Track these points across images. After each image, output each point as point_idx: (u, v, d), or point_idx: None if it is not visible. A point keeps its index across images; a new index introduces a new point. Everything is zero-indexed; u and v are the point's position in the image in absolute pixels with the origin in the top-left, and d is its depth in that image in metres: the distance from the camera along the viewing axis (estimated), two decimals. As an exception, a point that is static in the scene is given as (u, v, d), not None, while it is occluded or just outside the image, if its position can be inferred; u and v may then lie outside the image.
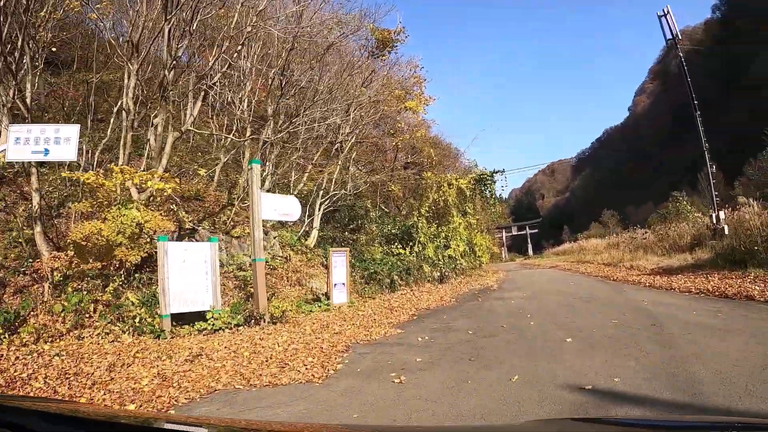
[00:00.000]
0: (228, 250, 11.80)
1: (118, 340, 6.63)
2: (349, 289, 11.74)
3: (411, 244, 18.90)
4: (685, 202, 22.76)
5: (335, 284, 11.33)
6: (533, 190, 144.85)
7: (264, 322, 8.73)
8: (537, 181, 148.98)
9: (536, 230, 69.76)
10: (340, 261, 11.52)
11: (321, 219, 15.61)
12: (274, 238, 13.89)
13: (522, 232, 67.41)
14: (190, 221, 11.46)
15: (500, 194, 25.36)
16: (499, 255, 56.01)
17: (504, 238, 58.81)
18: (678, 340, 5.55)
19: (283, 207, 9.90)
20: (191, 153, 16.71)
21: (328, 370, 5.33)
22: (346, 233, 17.54)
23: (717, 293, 9.20)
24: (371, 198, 22.89)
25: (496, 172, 24.30)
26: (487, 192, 24.81)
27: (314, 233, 15.37)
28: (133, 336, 6.92)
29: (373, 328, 8.22)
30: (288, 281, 12.47)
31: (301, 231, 15.27)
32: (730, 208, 18.97)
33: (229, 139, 13.06)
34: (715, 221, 17.88)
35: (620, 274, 15.59)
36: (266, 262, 12.47)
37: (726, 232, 16.55)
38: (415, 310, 10.70)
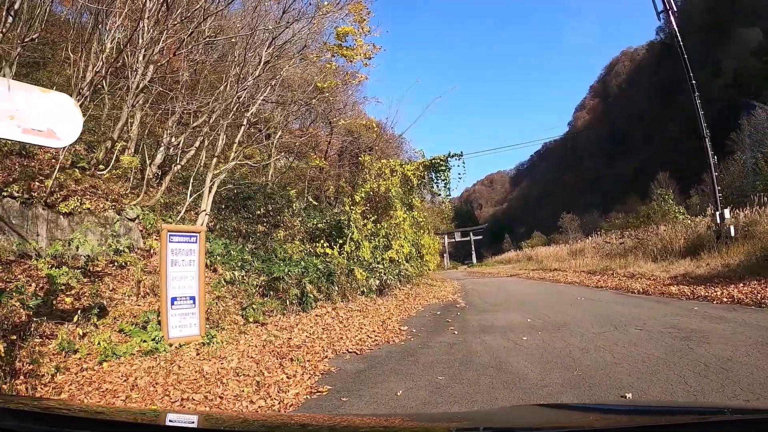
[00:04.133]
0: (50, 233, 6.72)
1: None
2: (205, 309, 5.97)
3: (341, 242, 13.54)
4: (672, 202, 19.07)
5: (174, 300, 5.60)
6: (472, 200, 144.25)
7: None
8: (475, 191, 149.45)
9: (480, 237, 66.45)
10: (186, 253, 5.76)
11: (224, 204, 11.41)
12: (133, 220, 8.17)
13: (465, 239, 63.49)
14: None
15: (459, 182, 19.91)
16: (440, 262, 51.73)
17: (446, 244, 54.74)
18: None
19: (29, 110, 3.85)
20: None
21: None
22: (260, 225, 12.21)
23: None
24: (298, 187, 17.62)
25: (453, 156, 19.16)
26: (441, 182, 19.52)
27: (202, 219, 9.62)
28: None
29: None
30: (141, 287, 6.72)
31: (181, 213, 9.54)
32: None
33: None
34: (719, 221, 14.04)
35: (638, 285, 11.00)
36: (115, 252, 6.85)
37: (732, 233, 13.06)
38: (331, 357, 5.17)
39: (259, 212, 12.53)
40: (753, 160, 23.85)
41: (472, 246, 62.31)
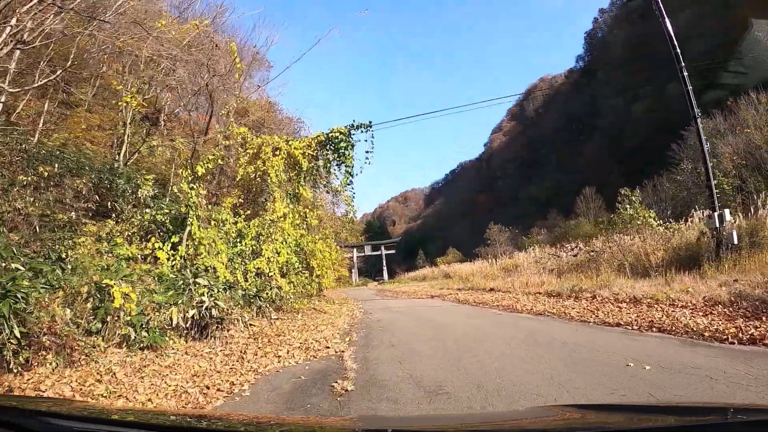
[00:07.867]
0: None
1: None
2: None
3: (176, 240, 8.90)
4: (641, 206, 14.98)
5: None
6: (385, 216, 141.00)
7: None
8: (389, 207, 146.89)
9: (393, 251, 61.65)
10: None
11: (27, 178, 7.46)
12: None
13: (376, 253, 58.33)
14: None
15: (366, 164, 13.41)
16: (348, 278, 46.10)
17: (355, 258, 49.05)
18: None
19: None
20: None
21: None
22: (80, 215, 8.18)
23: None
24: (160, 175, 13.13)
25: (358, 128, 13.26)
26: (341, 166, 13.48)
27: None
28: None
29: None
30: None
31: None
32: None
33: None
34: (718, 225, 10.28)
35: (686, 319, 5.75)
36: None
37: (735, 240, 9.90)
38: None
39: (86, 195, 8.42)
40: (698, 171, 21.31)
41: (384, 261, 57.33)
